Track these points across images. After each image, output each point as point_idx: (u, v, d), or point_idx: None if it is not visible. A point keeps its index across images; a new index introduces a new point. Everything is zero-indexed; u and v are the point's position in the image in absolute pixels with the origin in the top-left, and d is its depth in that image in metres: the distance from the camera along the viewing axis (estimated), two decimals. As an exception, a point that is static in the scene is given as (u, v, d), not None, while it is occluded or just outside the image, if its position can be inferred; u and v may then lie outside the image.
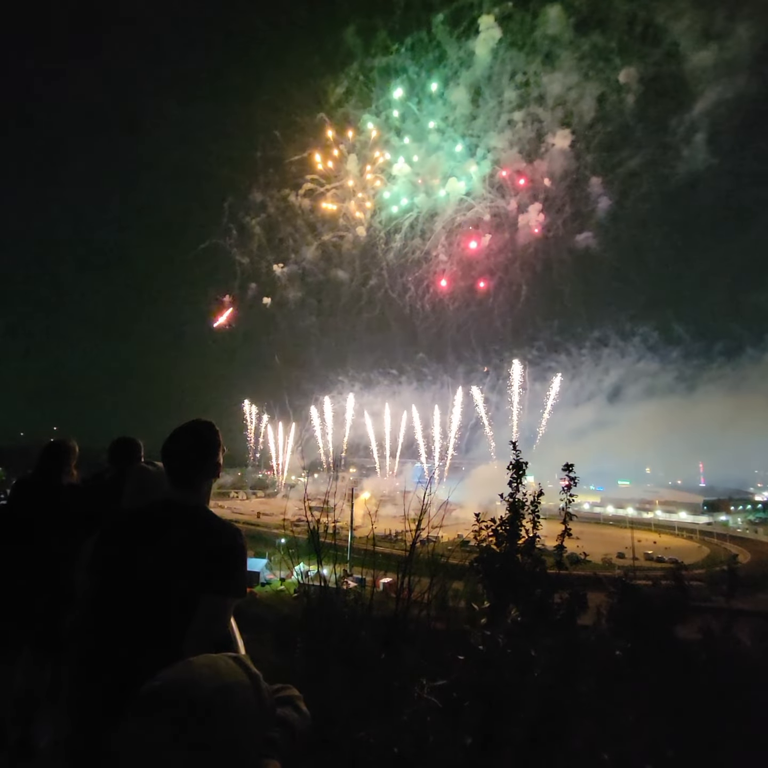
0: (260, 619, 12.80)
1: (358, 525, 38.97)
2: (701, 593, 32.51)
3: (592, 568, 40.48)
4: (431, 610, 5.59)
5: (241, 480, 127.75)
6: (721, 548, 76.24)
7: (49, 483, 3.96)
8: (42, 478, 4.00)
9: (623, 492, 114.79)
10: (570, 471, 6.29)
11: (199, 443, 2.49)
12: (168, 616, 2.13)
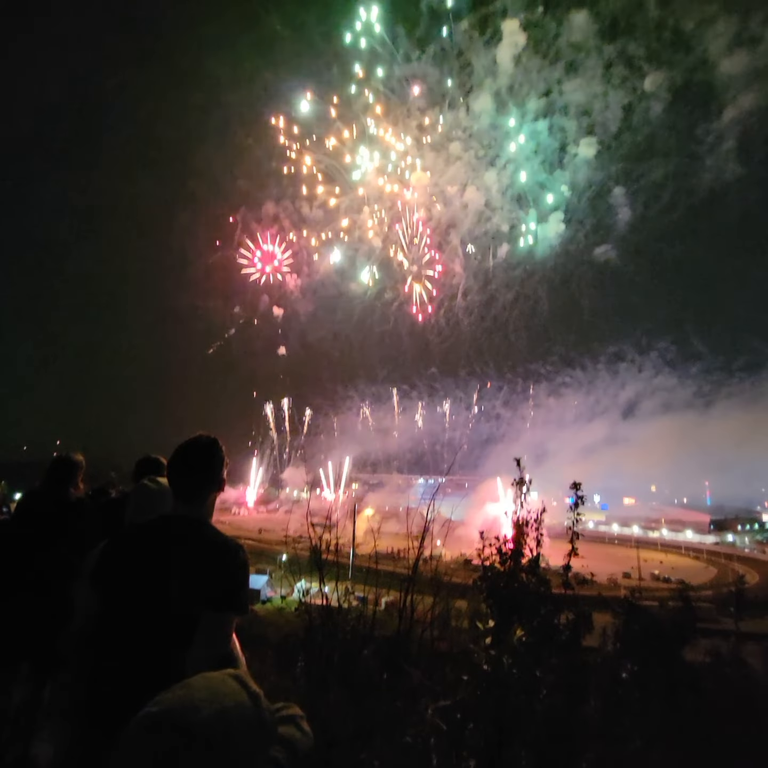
0: (261, 637, 12.64)
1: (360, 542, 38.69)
2: (709, 615, 31.97)
3: (597, 588, 39.83)
4: (434, 630, 5.52)
5: (243, 495, 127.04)
6: (729, 569, 74.92)
7: (56, 497, 3.97)
8: (49, 492, 4.02)
9: (628, 510, 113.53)
10: (577, 490, 6.25)
11: (203, 458, 2.50)
12: (170, 631, 2.12)
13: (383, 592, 6.53)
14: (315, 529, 6.56)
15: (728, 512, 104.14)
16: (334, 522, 7.14)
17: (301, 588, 7.25)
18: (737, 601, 36.03)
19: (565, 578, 5.33)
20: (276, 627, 17.89)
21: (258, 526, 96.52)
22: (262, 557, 56.13)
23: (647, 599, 27.48)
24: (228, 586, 2.24)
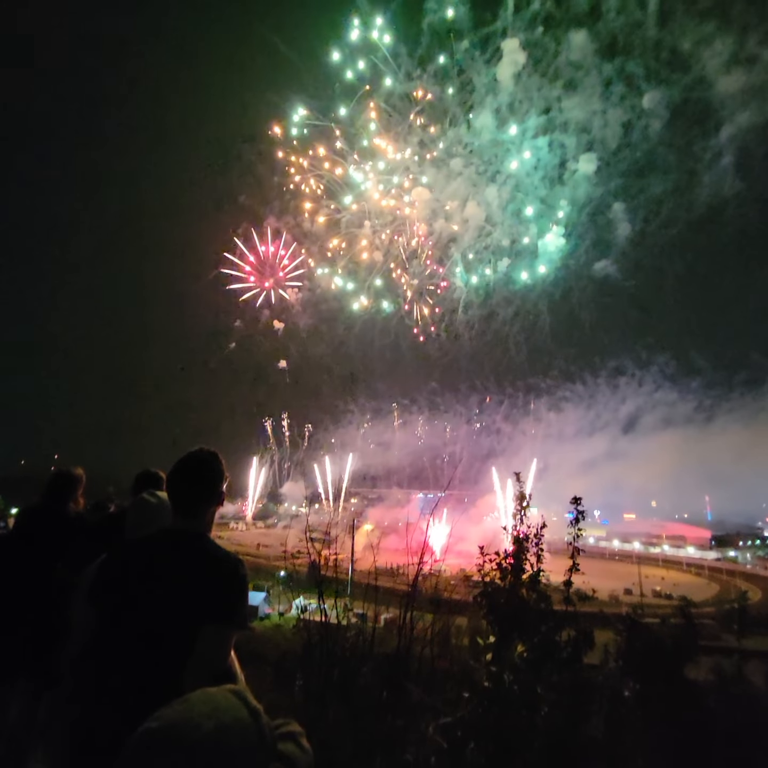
0: (258, 654, 12.45)
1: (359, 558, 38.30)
2: (711, 632, 31.57)
3: (598, 605, 39.45)
4: (434, 647, 5.47)
5: (241, 510, 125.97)
6: (731, 585, 74.16)
7: (56, 512, 3.96)
8: (48, 507, 4.01)
9: (629, 525, 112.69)
10: (578, 504, 6.23)
11: (203, 472, 2.50)
12: (169, 647, 2.10)
13: (382, 608, 6.48)
14: (314, 545, 6.53)
15: (729, 528, 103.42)
16: (332, 537, 7.10)
17: (300, 604, 7.19)
18: (740, 619, 35.64)
19: (566, 594, 5.29)
20: (274, 644, 17.63)
21: (256, 541, 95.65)
22: (260, 573, 55.37)
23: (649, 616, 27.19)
24: (228, 600, 2.23)
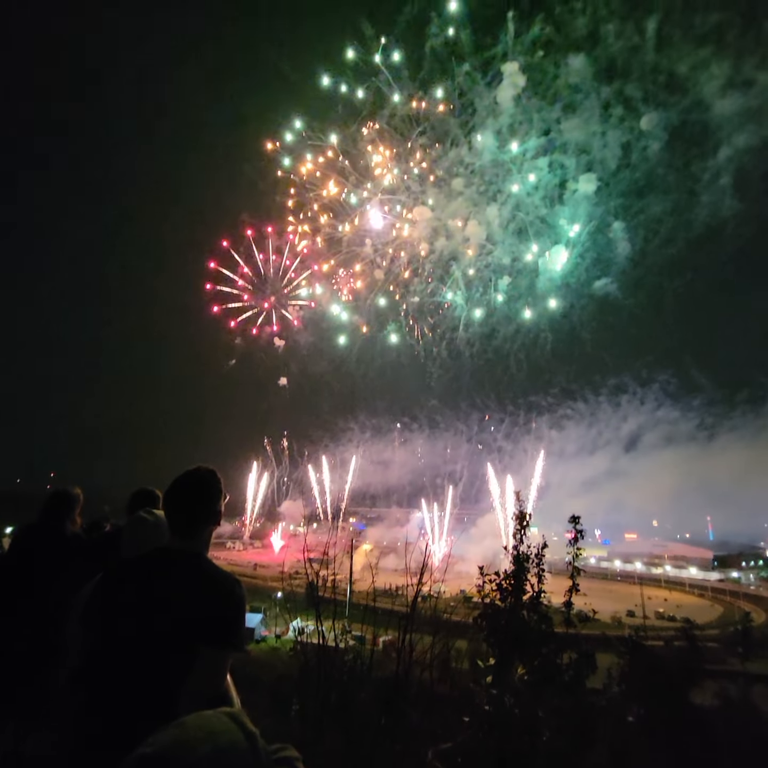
0: (254, 679, 12.18)
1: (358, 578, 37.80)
2: (716, 655, 31.06)
3: (600, 627, 38.79)
4: (434, 671, 5.37)
5: (238, 530, 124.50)
6: (735, 607, 73.17)
7: (53, 532, 3.92)
8: (45, 526, 3.96)
9: (630, 546, 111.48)
10: (576, 523, 6.19)
11: (201, 491, 2.48)
12: (164, 669, 2.06)
13: (381, 630, 6.38)
14: (312, 565, 6.46)
15: (732, 548, 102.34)
16: (331, 557, 7.03)
17: (297, 627, 7.05)
18: (744, 642, 35.07)
19: (566, 616, 5.23)
20: (270, 668, 17.27)
21: (253, 561, 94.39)
22: (257, 594, 54.40)
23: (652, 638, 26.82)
24: (225, 621, 2.20)
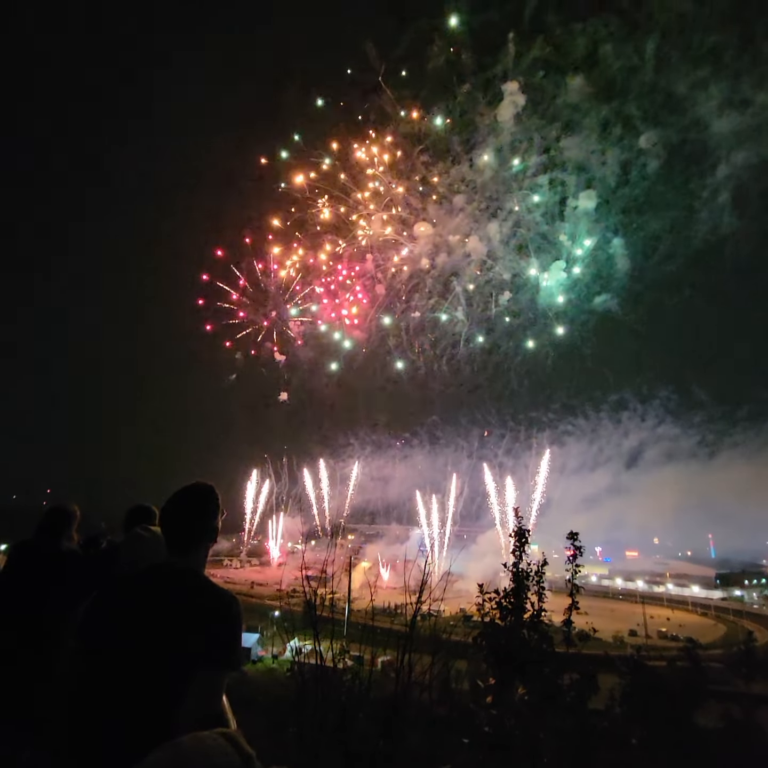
0: (251, 700, 11.95)
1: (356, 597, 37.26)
2: (719, 675, 30.58)
3: (602, 646, 38.23)
4: (433, 692, 5.28)
5: (236, 547, 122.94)
6: (738, 626, 72.22)
7: (50, 549, 3.88)
8: (42, 543, 3.93)
9: (632, 563, 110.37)
10: (575, 540, 6.15)
11: (199, 507, 2.46)
12: (161, 688, 2.03)
13: (379, 650, 6.29)
14: (309, 583, 6.39)
15: (734, 566, 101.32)
16: (329, 575, 6.96)
17: (294, 646, 6.94)
18: (748, 662, 34.54)
19: (567, 635, 5.16)
20: (267, 689, 16.95)
21: (250, 579, 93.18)
22: (254, 613, 53.47)
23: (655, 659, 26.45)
24: (221, 640, 2.16)
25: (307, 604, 6.03)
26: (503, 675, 4.08)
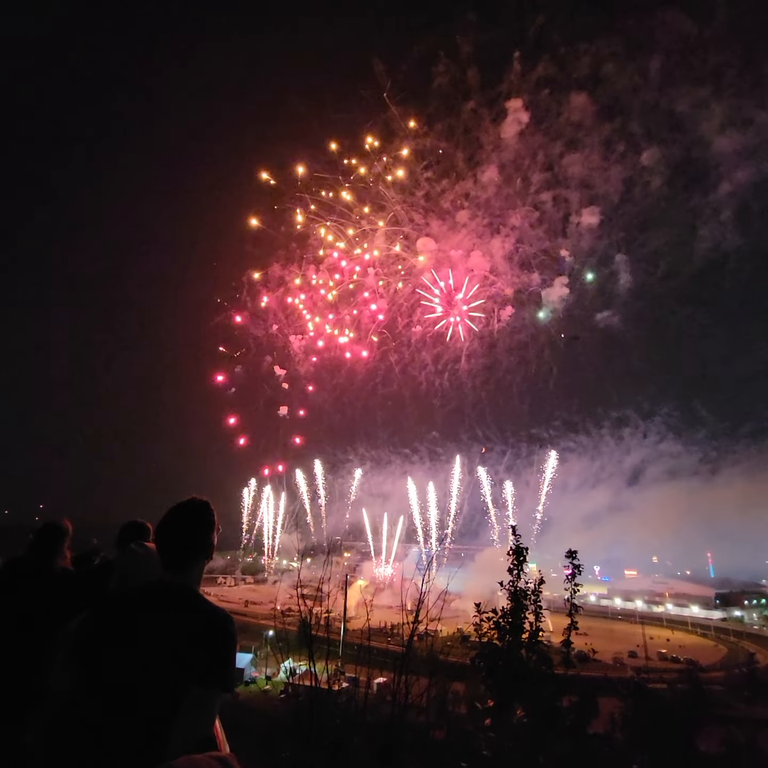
0: (244, 723, 11.65)
1: (352, 616, 36.67)
2: (721, 698, 30.15)
3: (602, 668, 37.64)
4: (430, 714, 5.18)
5: (231, 564, 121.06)
6: (739, 647, 71.25)
7: (41, 566, 3.83)
8: (34, 560, 3.88)
9: (631, 582, 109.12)
10: (573, 558, 6.09)
11: (194, 524, 2.43)
12: (153, 708, 1.98)
13: (375, 671, 6.18)
14: (305, 602, 6.30)
15: (733, 585, 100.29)
16: (325, 593, 6.87)
17: (288, 667, 6.82)
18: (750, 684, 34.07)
19: (566, 656, 5.07)
20: (260, 712, 16.57)
21: (244, 597, 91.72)
22: (247, 633, 52.27)
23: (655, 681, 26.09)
24: (215, 661, 2.11)
25: (302, 624, 5.94)
26: (501, 697, 4.00)
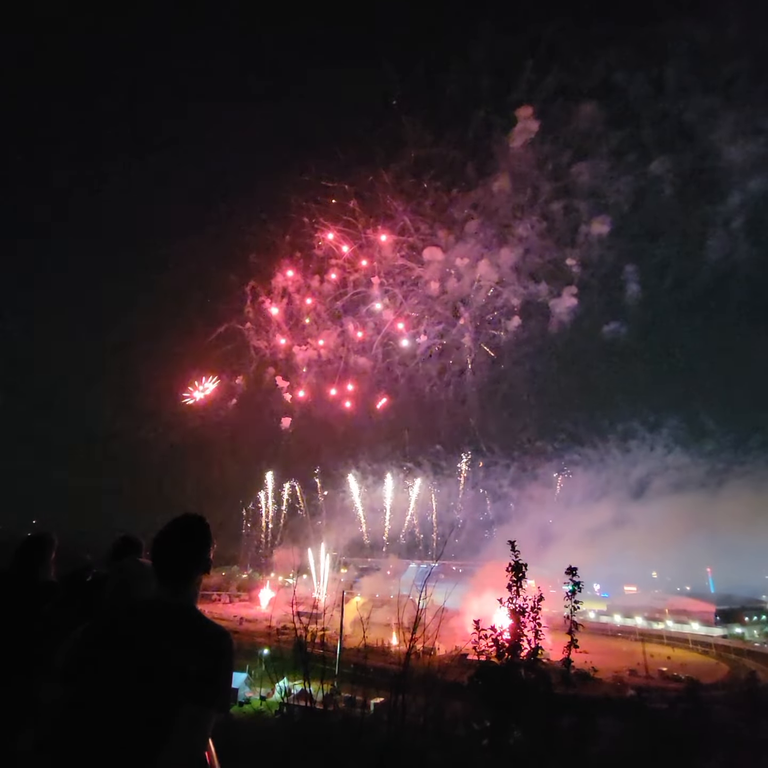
0: (237, 745, 11.39)
1: (348, 634, 36.18)
2: (723, 718, 29.73)
3: (602, 687, 37.03)
4: (428, 737, 5.08)
5: (226, 581, 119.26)
6: (741, 665, 70.38)
7: (25, 580, 3.76)
8: (17, 574, 3.81)
9: (630, 599, 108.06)
10: (573, 575, 6.04)
11: (190, 540, 2.41)
12: (145, 728, 1.94)
13: (372, 691, 6.08)
14: (300, 619, 6.22)
15: (734, 602, 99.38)
16: (321, 611, 6.77)
17: (283, 687, 6.69)
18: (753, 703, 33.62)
19: (566, 674, 4.99)
20: (254, 733, 16.24)
21: (239, 614, 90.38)
22: (242, 652, 51.29)
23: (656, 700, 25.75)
24: (210, 679, 2.06)
25: (298, 643, 5.85)
26: (500, 717, 3.92)
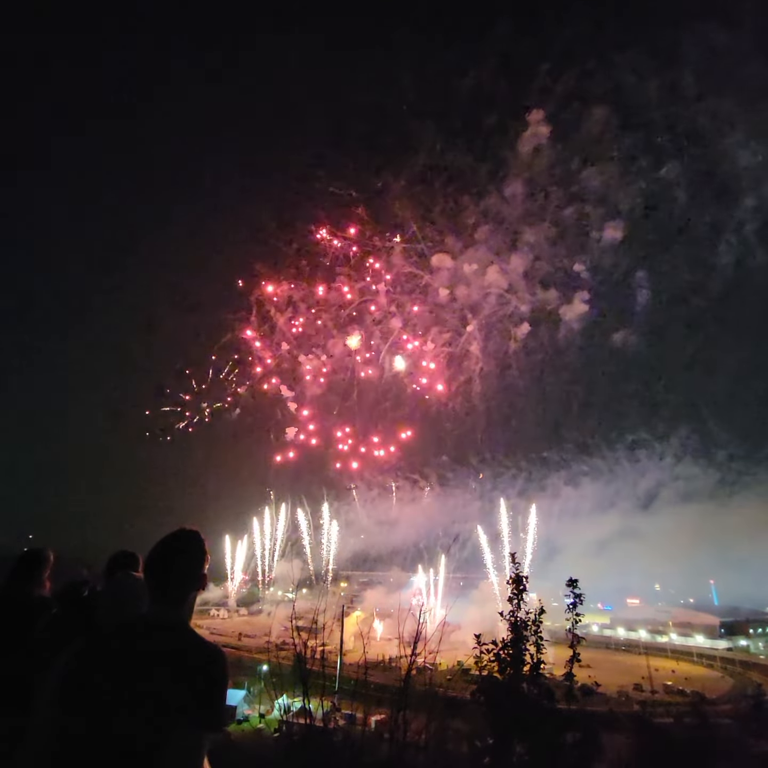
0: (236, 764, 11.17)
1: (349, 649, 35.66)
2: (729, 732, 29.23)
3: (607, 702, 36.45)
4: (429, 754, 4.99)
5: (224, 595, 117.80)
6: (746, 678, 69.46)
7: (18, 596, 3.73)
8: (11, 590, 3.78)
9: (633, 611, 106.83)
10: (574, 587, 5.99)
11: (184, 555, 2.37)
12: (138, 750, 1.90)
13: (372, 707, 5.99)
14: (300, 634, 6.14)
15: (738, 614, 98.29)
16: (321, 626, 6.69)
17: (283, 705, 6.56)
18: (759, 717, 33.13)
19: (569, 689, 4.92)
20: (252, 752, 15.94)
21: (238, 630, 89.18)
22: (240, 669, 50.45)
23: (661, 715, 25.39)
24: (205, 699, 2.03)
25: (297, 659, 5.77)
26: (502, 733, 3.86)
